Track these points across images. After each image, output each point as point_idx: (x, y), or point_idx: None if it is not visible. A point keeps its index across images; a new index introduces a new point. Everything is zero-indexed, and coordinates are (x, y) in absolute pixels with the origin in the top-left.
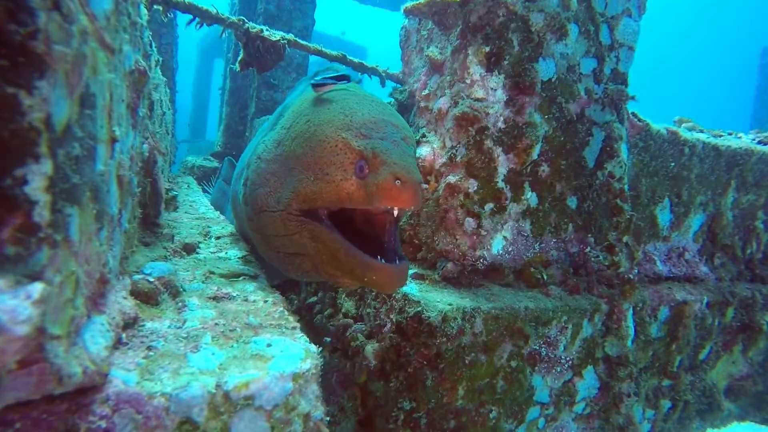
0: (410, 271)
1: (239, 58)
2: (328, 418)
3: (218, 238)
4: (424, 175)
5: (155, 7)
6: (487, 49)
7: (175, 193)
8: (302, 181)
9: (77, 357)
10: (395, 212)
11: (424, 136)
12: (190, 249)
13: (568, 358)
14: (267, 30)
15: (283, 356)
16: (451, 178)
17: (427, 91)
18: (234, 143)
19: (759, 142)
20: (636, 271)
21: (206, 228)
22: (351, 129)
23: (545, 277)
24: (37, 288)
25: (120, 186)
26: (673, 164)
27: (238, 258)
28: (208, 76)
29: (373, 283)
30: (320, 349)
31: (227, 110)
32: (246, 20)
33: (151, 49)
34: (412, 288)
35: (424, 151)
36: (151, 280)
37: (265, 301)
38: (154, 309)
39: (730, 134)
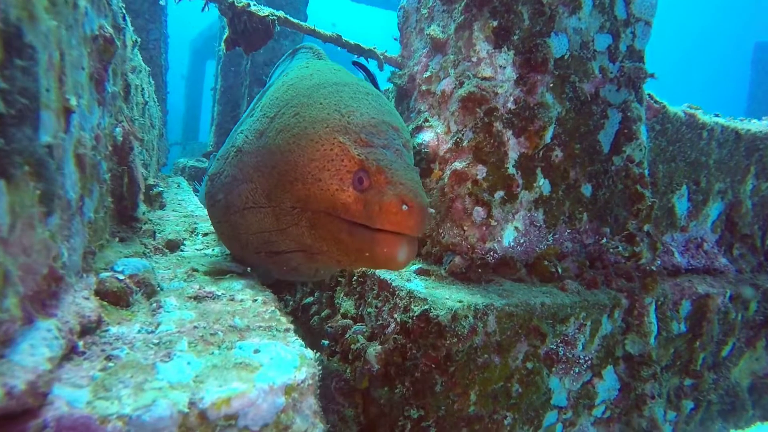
0: (414, 267)
1: (224, 37)
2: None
3: (206, 234)
4: (427, 162)
5: None
6: (495, 23)
7: (161, 189)
8: (292, 182)
9: (1, 375)
10: None
11: (426, 120)
12: (173, 246)
13: (586, 358)
14: (254, 4)
15: (273, 364)
16: (458, 165)
17: (428, 73)
18: None
19: None
20: (659, 262)
21: (193, 225)
22: (349, 132)
23: (560, 271)
24: None
25: (80, 168)
26: (691, 149)
27: (227, 255)
28: (200, 77)
29: (381, 259)
30: (317, 354)
31: (219, 109)
32: None
33: (123, 23)
34: (417, 284)
35: (427, 136)
36: (122, 278)
37: (254, 300)
38: (124, 311)
39: (741, 120)
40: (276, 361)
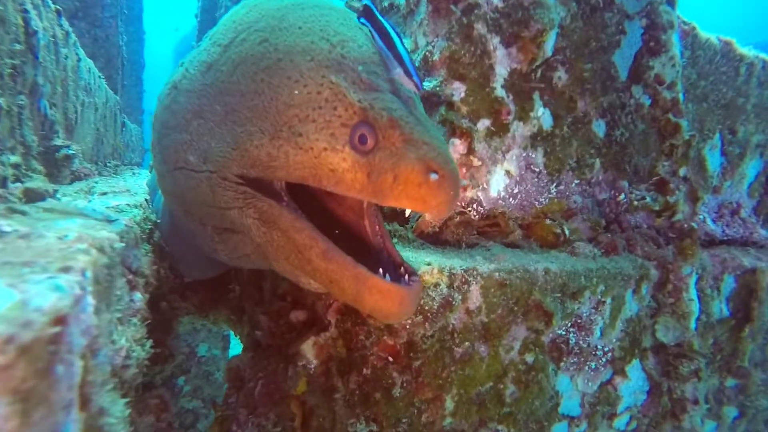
0: None
1: None
2: None
3: (104, 194)
4: None
5: None
6: None
7: (72, 152)
8: (252, 135)
9: None
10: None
11: None
12: (34, 195)
13: (606, 349)
14: None
15: None
16: (427, 85)
17: None
18: None
19: None
20: (701, 217)
21: (91, 186)
22: (344, 69)
23: (567, 233)
24: None
25: None
26: (726, 87)
27: (108, 207)
28: None
29: (368, 308)
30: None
31: None
32: None
33: None
34: None
35: None
36: None
37: (62, 238)
38: None
39: None
40: None
